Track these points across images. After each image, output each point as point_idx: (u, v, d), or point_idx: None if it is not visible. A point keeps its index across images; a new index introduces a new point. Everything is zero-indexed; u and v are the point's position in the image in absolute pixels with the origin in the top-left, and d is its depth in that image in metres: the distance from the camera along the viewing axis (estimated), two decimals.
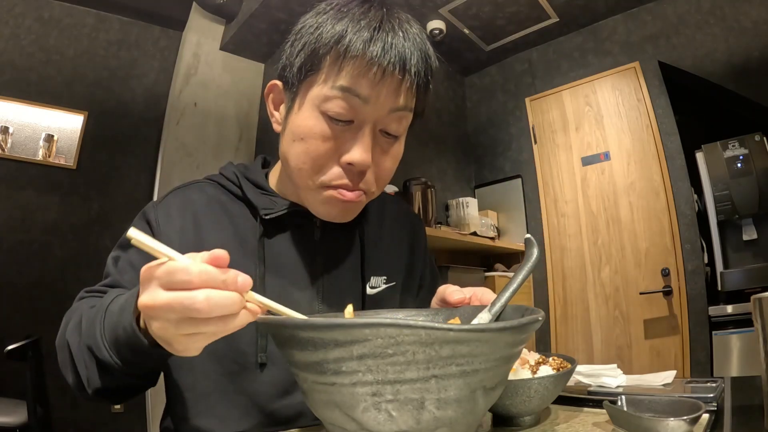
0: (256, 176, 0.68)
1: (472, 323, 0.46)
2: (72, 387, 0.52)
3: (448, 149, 3.05)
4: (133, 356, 0.44)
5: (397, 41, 0.52)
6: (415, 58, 0.53)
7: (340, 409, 0.34)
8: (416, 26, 0.57)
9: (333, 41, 0.52)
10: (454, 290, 0.55)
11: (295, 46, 0.57)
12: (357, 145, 0.54)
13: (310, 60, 0.54)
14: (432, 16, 2.61)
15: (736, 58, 2.20)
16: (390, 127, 0.57)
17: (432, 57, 0.57)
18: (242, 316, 0.35)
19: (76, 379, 0.51)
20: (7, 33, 2.15)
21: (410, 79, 0.54)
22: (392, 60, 0.52)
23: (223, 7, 2.56)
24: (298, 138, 0.56)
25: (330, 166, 0.56)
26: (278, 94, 0.62)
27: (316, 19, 0.55)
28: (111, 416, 2.17)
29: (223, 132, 2.64)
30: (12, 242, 2.09)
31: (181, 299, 0.33)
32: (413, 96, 0.57)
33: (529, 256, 0.48)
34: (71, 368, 0.51)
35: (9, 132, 2.14)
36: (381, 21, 0.53)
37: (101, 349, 0.45)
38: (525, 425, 0.49)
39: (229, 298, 0.34)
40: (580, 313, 2.56)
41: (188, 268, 0.33)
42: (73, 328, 0.51)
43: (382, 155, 0.59)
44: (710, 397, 0.52)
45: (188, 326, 0.34)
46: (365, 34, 0.51)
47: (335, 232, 0.68)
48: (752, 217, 2.12)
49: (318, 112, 0.55)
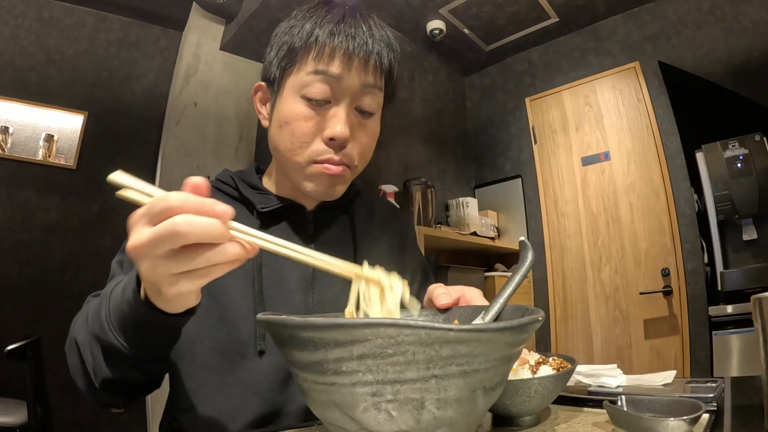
0: (251, 178, 0.73)
1: (472, 323, 0.46)
2: (83, 390, 0.53)
3: (448, 149, 3.05)
4: (137, 332, 0.44)
5: (359, 31, 0.62)
6: (377, 43, 0.63)
7: (340, 409, 0.34)
8: (377, 20, 0.66)
9: (305, 37, 0.61)
10: (442, 293, 0.56)
11: (273, 48, 0.66)
12: (336, 120, 0.62)
13: (288, 56, 0.63)
14: (432, 16, 2.61)
15: (736, 58, 2.20)
16: (364, 103, 0.64)
17: (394, 44, 0.67)
18: (230, 248, 0.35)
19: (85, 379, 0.51)
20: (7, 33, 2.15)
21: (375, 59, 0.62)
22: (356, 44, 0.61)
23: (223, 7, 2.56)
24: (284, 123, 0.63)
25: (314, 144, 0.63)
26: (264, 92, 0.71)
27: (289, 23, 0.65)
28: (111, 416, 2.17)
29: (223, 132, 2.64)
30: (12, 242, 2.09)
31: (162, 226, 0.33)
32: (381, 75, 0.65)
33: (524, 259, 0.49)
34: (80, 366, 0.52)
35: (9, 132, 2.14)
36: (343, 16, 0.62)
37: (106, 331, 0.46)
38: (525, 425, 0.49)
39: (210, 222, 0.33)
40: (580, 313, 2.56)
41: (166, 197, 0.34)
42: (80, 325, 0.52)
43: (360, 131, 0.65)
44: (710, 397, 0.52)
45: (176, 261, 0.34)
46: (330, 27, 0.61)
47: (327, 227, 0.72)
48: (752, 217, 2.12)
49: (298, 97, 0.62)
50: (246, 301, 0.62)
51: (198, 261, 0.34)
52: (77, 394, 0.53)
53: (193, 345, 0.61)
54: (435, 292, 0.57)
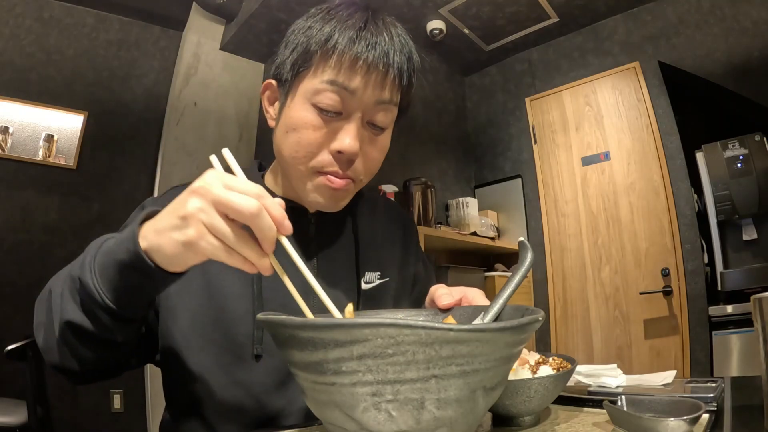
0: (252, 177, 0.70)
1: (472, 323, 0.46)
2: (41, 345, 0.51)
3: (449, 149, 3.05)
4: (120, 278, 0.43)
5: (380, 40, 0.57)
6: (397, 55, 0.58)
7: (340, 409, 0.34)
8: (400, 28, 0.62)
9: (322, 40, 0.57)
10: (443, 294, 0.56)
11: (288, 47, 0.62)
12: (346, 134, 0.58)
13: (302, 58, 0.59)
14: (432, 16, 2.61)
15: (736, 58, 2.20)
16: (376, 119, 0.61)
17: (415, 55, 0.62)
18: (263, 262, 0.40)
19: (46, 331, 0.49)
20: (7, 33, 2.15)
21: (394, 74, 0.58)
22: (376, 56, 0.56)
23: (223, 7, 2.56)
24: (291, 129, 0.60)
25: (321, 155, 0.60)
26: (273, 91, 0.66)
27: (307, 21, 0.61)
28: (111, 416, 2.17)
29: (223, 132, 2.64)
30: (12, 242, 2.09)
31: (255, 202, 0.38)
32: (397, 90, 0.61)
33: (523, 259, 0.49)
34: (45, 318, 0.49)
35: (9, 132, 2.14)
36: (365, 22, 0.58)
37: (85, 271, 0.45)
38: (525, 425, 0.49)
39: (273, 227, 0.39)
40: (580, 313, 2.56)
41: (265, 194, 0.40)
42: (57, 276, 0.51)
43: (370, 145, 0.62)
44: (710, 397, 0.52)
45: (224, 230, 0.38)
46: (351, 33, 0.56)
47: (329, 228, 0.70)
48: (752, 217, 2.12)
49: (309, 104, 0.58)
50: (244, 304, 0.62)
51: (238, 241, 0.38)
52: (77, 394, 0.53)
53: (191, 346, 0.61)
54: (437, 292, 0.57)
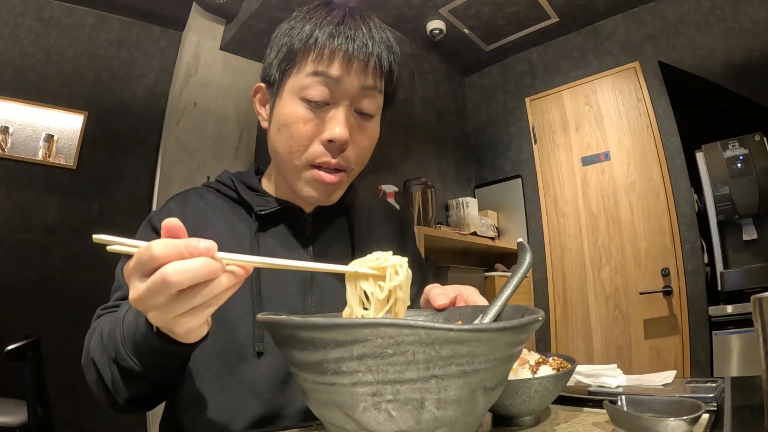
0: (250, 180, 0.72)
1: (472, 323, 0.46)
2: (105, 403, 0.55)
3: (449, 149, 3.05)
4: (154, 359, 0.46)
5: (358, 33, 0.61)
6: (376, 45, 0.62)
7: (340, 409, 0.34)
8: (378, 21, 0.66)
9: (304, 38, 0.61)
10: (438, 294, 0.56)
11: (273, 49, 0.66)
12: (335, 123, 0.61)
13: (287, 57, 0.63)
14: (432, 16, 2.60)
15: (736, 58, 2.20)
16: (363, 106, 0.64)
17: (394, 45, 0.66)
18: (225, 280, 0.36)
19: (106, 394, 0.53)
20: (7, 33, 2.15)
21: (374, 61, 0.62)
22: (356, 46, 0.60)
23: (223, 7, 2.56)
24: (282, 125, 0.63)
25: (313, 146, 0.62)
26: (263, 94, 0.70)
27: (289, 24, 0.65)
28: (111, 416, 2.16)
29: (223, 132, 2.63)
30: (12, 242, 2.09)
31: (153, 279, 0.34)
32: (381, 78, 0.64)
33: (522, 260, 0.49)
34: (101, 384, 0.53)
35: (9, 132, 2.14)
36: (343, 17, 0.62)
37: (125, 358, 0.48)
38: (525, 425, 0.49)
39: (198, 261, 0.34)
40: (580, 313, 2.56)
41: (150, 247, 0.34)
42: (96, 345, 0.53)
43: (359, 133, 0.65)
44: (710, 397, 0.52)
45: (176, 305, 0.35)
46: (330, 28, 0.61)
47: (326, 229, 0.72)
48: (752, 217, 2.12)
49: (298, 99, 0.62)
50: (244, 303, 0.62)
51: (197, 299, 0.35)
52: (77, 394, 0.54)
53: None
54: (432, 292, 0.57)
